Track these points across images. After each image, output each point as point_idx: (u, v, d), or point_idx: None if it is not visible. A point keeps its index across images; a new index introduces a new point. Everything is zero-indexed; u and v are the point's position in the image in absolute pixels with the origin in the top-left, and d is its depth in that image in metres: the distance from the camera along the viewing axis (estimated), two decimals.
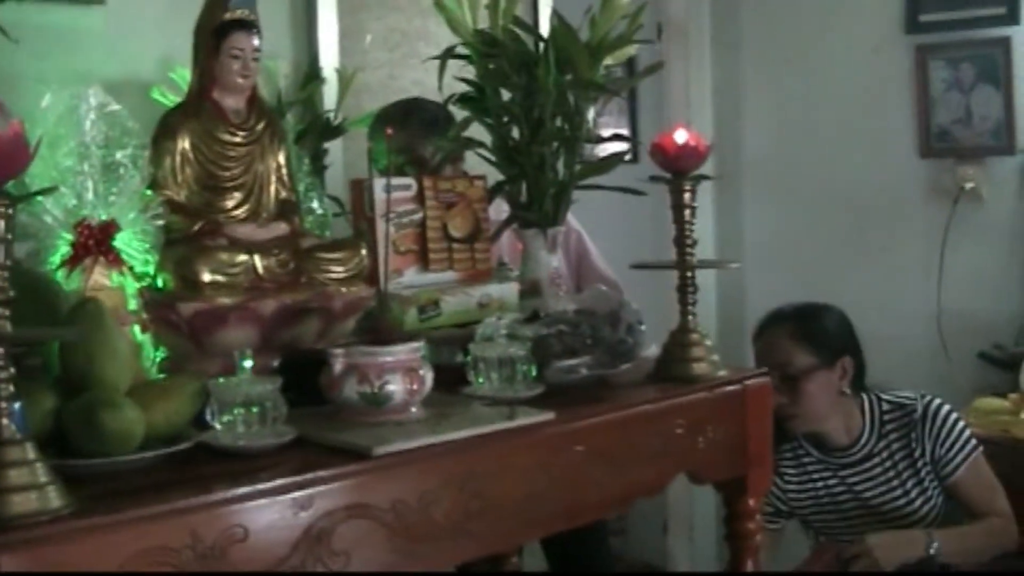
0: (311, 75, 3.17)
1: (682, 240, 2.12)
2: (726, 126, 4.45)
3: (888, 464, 2.79)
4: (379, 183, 2.06)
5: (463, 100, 2.41)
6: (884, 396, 2.85)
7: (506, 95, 2.32)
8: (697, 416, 2.02)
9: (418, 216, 2.18)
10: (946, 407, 2.80)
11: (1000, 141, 3.88)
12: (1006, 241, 3.90)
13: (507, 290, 2.25)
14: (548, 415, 1.78)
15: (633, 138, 4.44)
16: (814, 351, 2.78)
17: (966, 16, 3.91)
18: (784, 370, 2.74)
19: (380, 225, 2.05)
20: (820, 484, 2.86)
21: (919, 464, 2.76)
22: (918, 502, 2.75)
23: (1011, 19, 3.84)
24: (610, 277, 3.22)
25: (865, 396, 2.84)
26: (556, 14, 2.31)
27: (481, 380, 1.93)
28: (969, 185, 3.93)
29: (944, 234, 3.96)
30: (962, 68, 3.94)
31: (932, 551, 2.62)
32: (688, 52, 4.42)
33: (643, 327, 2.10)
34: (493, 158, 2.38)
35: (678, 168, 2.11)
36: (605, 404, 1.92)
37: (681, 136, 2.10)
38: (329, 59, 3.29)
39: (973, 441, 2.78)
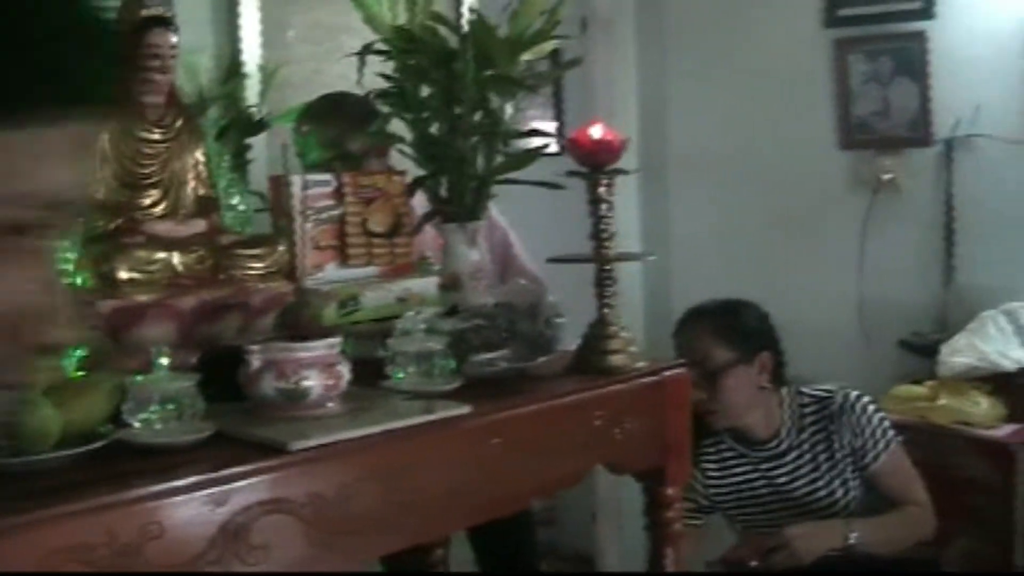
0: (234, 70, 3.17)
1: (599, 233, 2.15)
2: (651, 120, 4.49)
3: (808, 456, 2.83)
4: (298, 179, 2.07)
5: (384, 95, 2.42)
6: (804, 390, 2.89)
7: (426, 90, 2.33)
8: (615, 408, 2.04)
9: (337, 212, 2.19)
10: (865, 399, 2.85)
11: (917, 132, 3.96)
12: (924, 230, 3.99)
13: (427, 285, 2.26)
14: (465, 408, 1.80)
15: (559, 132, 4.46)
16: (733, 347, 2.81)
17: (883, 10, 3.99)
18: (704, 365, 2.77)
19: (299, 221, 2.06)
20: (741, 478, 2.90)
21: (838, 456, 2.80)
22: (838, 493, 2.80)
23: (926, 14, 3.92)
24: (533, 272, 3.25)
25: (785, 390, 2.88)
26: (475, 9, 2.33)
27: (400, 374, 1.94)
28: (888, 176, 4.01)
29: (864, 224, 4.03)
30: (880, 61, 4.01)
31: (851, 540, 2.66)
32: (612, 46, 4.44)
33: (562, 320, 2.13)
34: (413, 153, 2.39)
35: (595, 162, 2.14)
36: (523, 397, 1.94)
37: (597, 131, 2.13)
38: (252, 54, 3.27)
39: (892, 432, 2.82)
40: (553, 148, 2.53)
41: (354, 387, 1.80)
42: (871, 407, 2.83)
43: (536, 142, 2.75)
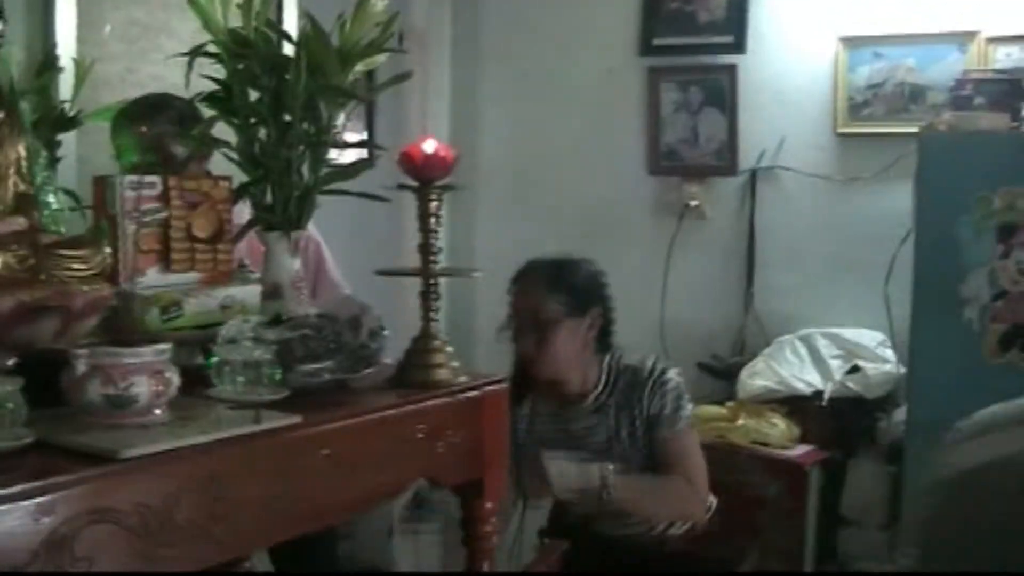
0: (47, 63, 3.05)
1: (427, 248, 2.16)
2: (462, 136, 4.51)
3: (611, 416, 2.91)
4: (123, 180, 2.02)
5: (210, 99, 2.38)
6: (625, 359, 2.96)
7: (254, 96, 2.30)
8: (436, 421, 2.05)
9: (162, 215, 2.14)
10: (672, 372, 2.93)
11: (723, 161, 4.10)
12: (726, 257, 4.12)
13: (249, 292, 2.23)
14: (294, 419, 1.78)
15: (374, 145, 4.44)
16: (565, 300, 2.88)
17: (696, 42, 4.10)
18: (535, 316, 2.85)
19: (123, 223, 2.01)
20: (544, 428, 2.98)
21: (636, 421, 2.88)
22: (628, 452, 2.87)
23: (738, 48, 4.05)
24: (343, 287, 3.23)
25: (609, 355, 2.95)
26: (309, 17, 2.31)
27: (226, 383, 1.91)
28: (693, 202, 4.13)
29: (669, 248, 4.14)
30: (691, 92, 4.13)
31: (607, 486, 2.72)
32: (427, 61, 4.45)
33: (386, 333, 2.13)
34: (238, 159, 2.35)
35: (425, 177, 2.15)
36: (347, 408, 1.93)
37: (430, 146, 2.14)
38: (66, 48, 3.17)
39: (688, 416, 2.91)
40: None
41: (178, 395, 1.76)
42: (674, 380, 2.92)
43: (355, 153, 2.77)
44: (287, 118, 2.27)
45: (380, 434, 1.95)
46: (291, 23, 2.81)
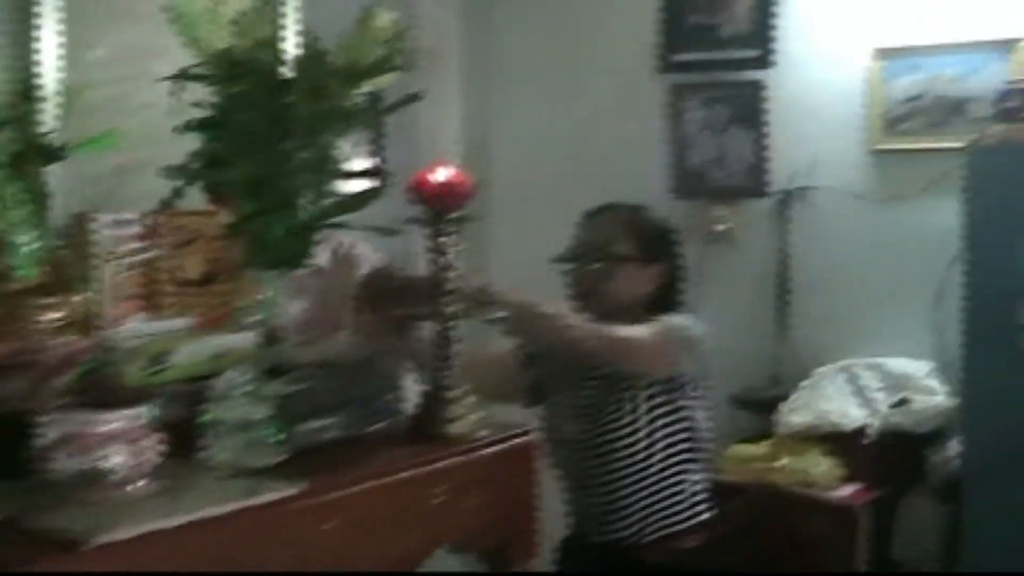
0: (27, 90, 2.85)
1: (439, 287, 1.95)
2: (475, 160, 4.31)
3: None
4: (105, 218, 1.82)
5: (203, 126, 2.17)
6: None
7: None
8: (456, 481, 1.84)
9: (147, 255, 1.95)
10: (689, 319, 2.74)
11: (753, 182, 3.88)
12: (758, 283, 3.89)
13: (247, 339, 2.02)
14: (294, 488, 1.57)
15: (383, 172, 4.26)
16: (638, 244, 2.76)
17: (720, 58, 3.89)
18: (603, 249, 2.75)
19: (103, 265, 1.80)
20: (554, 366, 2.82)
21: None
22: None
23: (763, 62, 3.84)
24: None
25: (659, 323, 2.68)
26: (309, 34, 2.11)
27: (218, 446, 1.70)
28: (722, 227, 3.91)
29: (697, 275, 3.91)
30: (716, 109, 3.92)
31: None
32: (438, 80, 4.25)
33: (405, 379, 1.93)
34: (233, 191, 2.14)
35: (438, 208, 1.94)
36: (355, 471, 1.73)
37: (443, 173, 1.93)
38: (54, 73, 2.96)
39: (683, 333, 2.65)
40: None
41: (166, 459, 1.55)
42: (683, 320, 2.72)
43: (367, 182, 2.56)
44: (286, 145, 2.08)
45: (392, 499, 1.75)
46: (291, 41, 2.60)
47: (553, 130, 4.29)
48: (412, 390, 1.96)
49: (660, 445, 2.66)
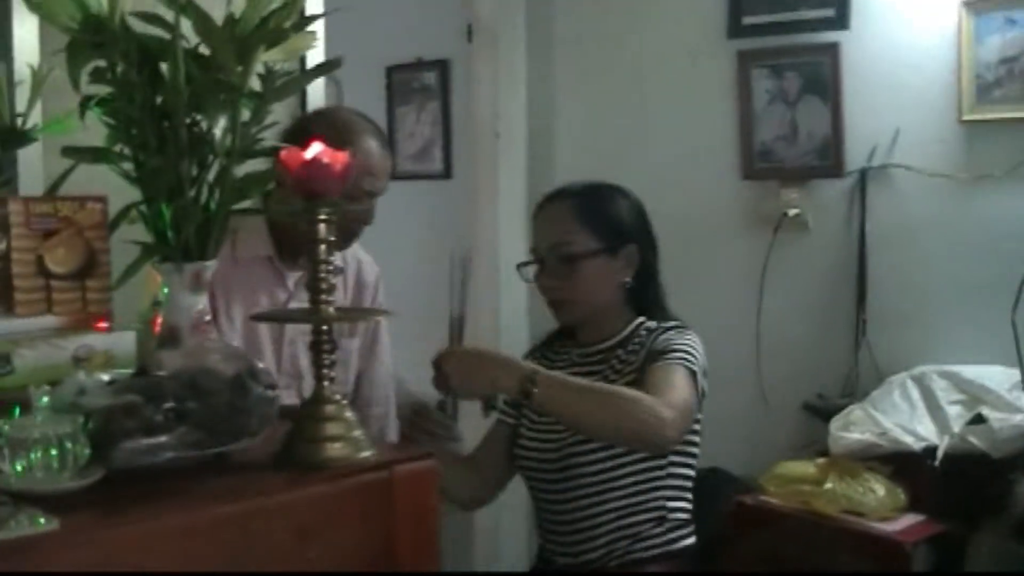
0: None
1: (317, 285, 1.68)
2: (539, 140, 4.04)
3: (613, 371, 2.49)
4: None
5: (102, 103, 1.95)
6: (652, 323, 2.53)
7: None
8: (325, 516, 1.56)
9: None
10: (689, 333, 2.49)
11: (828, 161, 3.50)
12: (833, 274, 3.51)
13: (118, 340, 1.80)
14: (53, 523, 1.32)
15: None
16: (597, 235, 2.50)
17: (792, 18, 3.52)
18: (560, 250, 2.50)
19: None
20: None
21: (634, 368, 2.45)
22: None
23: (840, 23, 3.45)
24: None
25: (643, 319, 2.54)
26: None
27: (17, 467, 1.47)
28: (793, 211, 3.54)
29: (764, 265, 3.56)
30: (787, 77, 3.55)
31: (532, 388, 2.18)
32: (499, 58, 4.01)
33: (274, 394, 1.67)
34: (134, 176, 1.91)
35: (311, 192, 1.67)
36: (179, 500, 1.47)
37: (313, 151, 1.65)
38: (27, 55, 2.83)
39: (690, 358, 2.39)
40: None
41: None
42: (689, 337, 2.46)
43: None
44: (169, 124, 1.83)
45: (219, 540, 1.46)
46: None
47: (616, 108, 4.01)
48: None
49: (629, 459, 2.35)
